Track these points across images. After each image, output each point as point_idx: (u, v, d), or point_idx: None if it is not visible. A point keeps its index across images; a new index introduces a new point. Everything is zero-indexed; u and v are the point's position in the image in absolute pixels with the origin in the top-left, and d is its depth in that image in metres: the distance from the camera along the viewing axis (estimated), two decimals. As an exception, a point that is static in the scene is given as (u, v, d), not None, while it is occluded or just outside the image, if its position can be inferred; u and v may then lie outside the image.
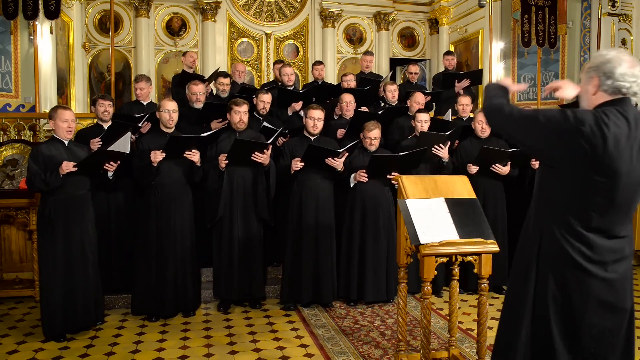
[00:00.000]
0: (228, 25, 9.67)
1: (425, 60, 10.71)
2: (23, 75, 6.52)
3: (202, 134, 4.19)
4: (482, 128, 4.85)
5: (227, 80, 5.68)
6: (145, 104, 5.23)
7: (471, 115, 5.60)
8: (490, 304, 4.53)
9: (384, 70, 10.08)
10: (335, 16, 9.97)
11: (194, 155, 4.12)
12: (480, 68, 7.32)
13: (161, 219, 4.15)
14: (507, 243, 4.87)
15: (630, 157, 1.82)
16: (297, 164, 4.26)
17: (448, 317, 3.28)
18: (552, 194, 1.95)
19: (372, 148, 4.52)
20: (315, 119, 4.43)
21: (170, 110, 4.19)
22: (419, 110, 4.96)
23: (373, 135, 4.47)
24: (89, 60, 8.88)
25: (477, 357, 3.01)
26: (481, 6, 8.12)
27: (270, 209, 4.49)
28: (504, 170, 4.69)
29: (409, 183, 3.00)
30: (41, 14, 5.94)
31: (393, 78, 10.46)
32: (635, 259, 5.72)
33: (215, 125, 4.84)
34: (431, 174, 4.61)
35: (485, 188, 4.74)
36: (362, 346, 3.64)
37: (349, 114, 5.11)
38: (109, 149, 3.86)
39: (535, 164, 4.64)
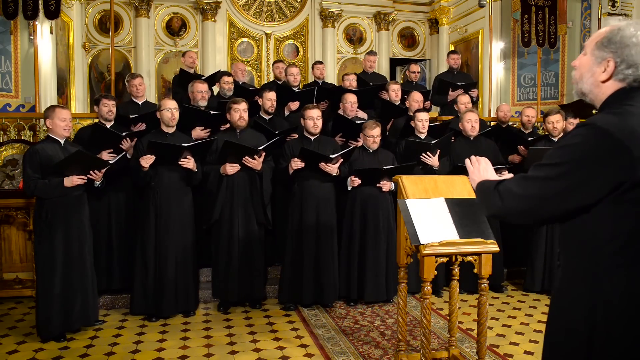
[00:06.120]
0: (228, 25, 9.67)
1: (425, 60, 10.71)
2: (23, 75, 6.52)
3: (184, 144, 4.09)
4: (472, 127, 4.85)
5: (231, 79, 5.69)
6: (140, 103, 5.13)
7: None
8: (490, 304, 4.53)
9: (384, 70, 10.08)
10: (335, 16, 9.97)
11: (188, 162, 4.11)
12: (474, 81, 7.26)
13: (161, 219, 4.15)
14: (502, 242, 4.90)
15: None
16: (297, 163, 4.25)
17: (448, 317, 3.28)
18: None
19: (375, 146, 4.53)
20: (315, 118, 4.43)
21: (171, 109, 4.19)
22: (418, 110, 4.96)
23: (374, 134, 4.47)
24: (89, 60, 8.88)
25: (477, 357, 3.01)
26: (481, 6, 8.12)
27: (266, 213, 4.49)
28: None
29: (409, 183, 3.00)
30: (41, 14, 5.93)
31: (393, 78, 10.46)
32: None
33: (197, 133, 4.75)
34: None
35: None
36: (362, 346, 3.64)
37: (352, 114, 5.11)
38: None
39: None
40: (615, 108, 1.44)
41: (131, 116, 4.67)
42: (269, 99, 4.97)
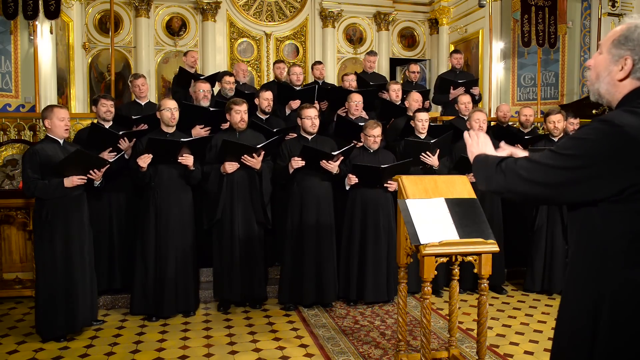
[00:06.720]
0: (228, 25, 9.67)
1: (425, 60, 10.71)
2: (23, 75, 6.53)
3: (183, 139, 4.09)
4: (480, 127, 4.85)
5: (232, 79, 5.70)
6: (143, 104, 5.14)
7: None
8: (490, 304, 4.53)
9: (384, 70, 10.08)
10: (335, 16, 9.97)
11: (187, 160, 4.11)
12: (475, 78, 7.25)
13: (161, 219, 4.15)
14: (504, 242, 4.91)
15: None
16: (298, 162, 4.25)
17: (448, 317, 3.28)
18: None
19: (375, 146, 4.53)
20: (312, 117, 4.43)
21: (171, 109, 4.19)
22: (418, 110, 4.96)
23: (375, 134, 4.48)
24: (89, 60, 8.88)
25: (477, 357, 3.01)
26: (481, 6, 8.12)
27: (266, 212, 4.49)
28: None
29: (409, 183, 3.00)
30: (41, 14, 5.94)
31: (393, 78, 10.45)
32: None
33: (198, 131, 4.73)
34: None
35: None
36: (362, 346, 3.64)
37: (357, 113, 5.11)
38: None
39: None
40: (633, 106, 1.41)
41: (133, 117, 4.67)
42: (266, 99, 4.97)
